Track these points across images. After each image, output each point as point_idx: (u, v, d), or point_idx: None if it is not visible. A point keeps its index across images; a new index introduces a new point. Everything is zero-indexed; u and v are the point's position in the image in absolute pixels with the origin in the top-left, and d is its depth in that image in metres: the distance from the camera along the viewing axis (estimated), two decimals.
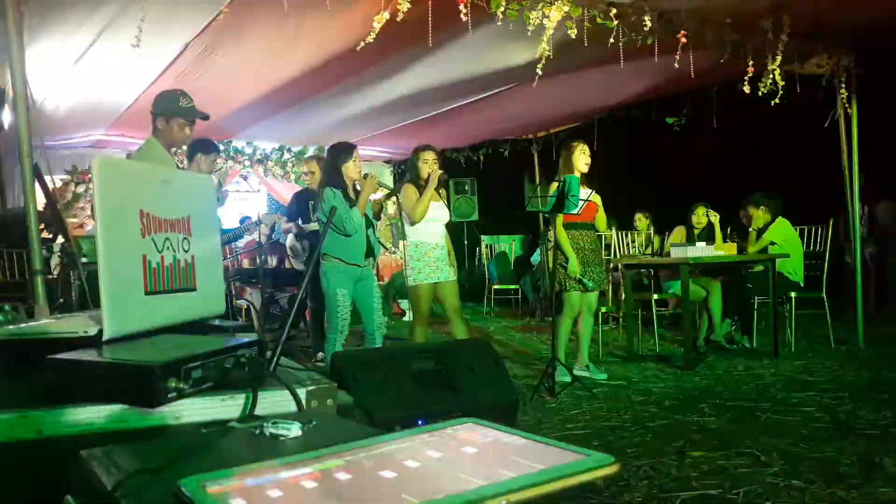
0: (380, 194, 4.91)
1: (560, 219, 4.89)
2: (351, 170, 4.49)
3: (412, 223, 4.74)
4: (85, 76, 5.73)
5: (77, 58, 5.30)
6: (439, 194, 4.85)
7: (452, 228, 5.17)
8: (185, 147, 4.57)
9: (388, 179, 10.71)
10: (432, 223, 4.76)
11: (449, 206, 4.91)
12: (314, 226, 5.75)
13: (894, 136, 7.50)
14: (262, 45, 5.26)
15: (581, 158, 4.98)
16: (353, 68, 5.76)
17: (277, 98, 6.78)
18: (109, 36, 4.81)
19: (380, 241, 5.42)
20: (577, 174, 4.88)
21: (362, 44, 4.33)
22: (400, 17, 4.07)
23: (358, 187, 4.56)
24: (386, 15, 4.13)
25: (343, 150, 4.54)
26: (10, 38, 3.10)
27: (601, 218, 5.14)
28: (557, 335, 4.75)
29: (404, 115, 7.83)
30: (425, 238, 4.76)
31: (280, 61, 5.66)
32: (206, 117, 3.88)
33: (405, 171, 5.06)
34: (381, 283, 9.05)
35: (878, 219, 8.10)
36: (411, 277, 4.75)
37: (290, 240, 6.08)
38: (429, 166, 4.75)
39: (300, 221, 6.06)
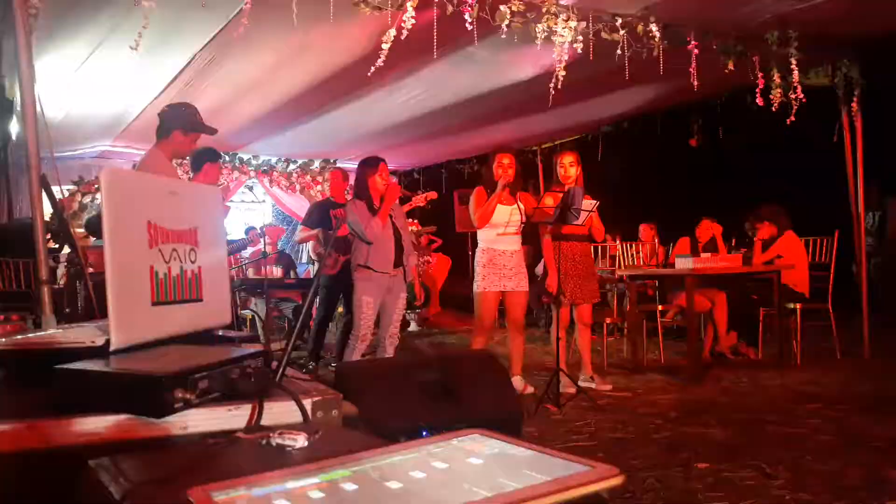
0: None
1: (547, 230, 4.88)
2: (377, 182, 4.59)
3: (476, 227, 4.73)
4: (92, 88, 5.77)
5: (85, 71, 5.34)
6: (516, 198, 4.79)
7: (456, 239, 5.19)
8: (187, 158, 4.68)
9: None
10: (502, 228, 4.72)
11: (521, 212, 4.82)
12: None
13: None
14: (268, 58, 5.29)
15: (559, 171, 4.97)
16: (359, 83, 5.78)
17: (283, 111, 6.81)
18: (117, 48, 4.85)
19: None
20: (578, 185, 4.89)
21: (373, 69, 4.36)
22: (405, 34, 4.09)
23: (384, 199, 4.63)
24: (393, 32, 4.15)
25: (369, 164, 4.67)
26: (19, 50, 3.13)
27: (598, 228, 5.08)
28: (557, 346, 4.74)
29: (410, 129, 7.85)
30: (493, 244, 4.72)
31: (285, 75, 5.69)
32: (215, 131, 4.14)
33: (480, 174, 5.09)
34: None
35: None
36: (476, 283, 4.74)
37: (311, 246, 6.20)
38: (503, 170, 4.70)
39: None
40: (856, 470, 3.06)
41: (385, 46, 4.21)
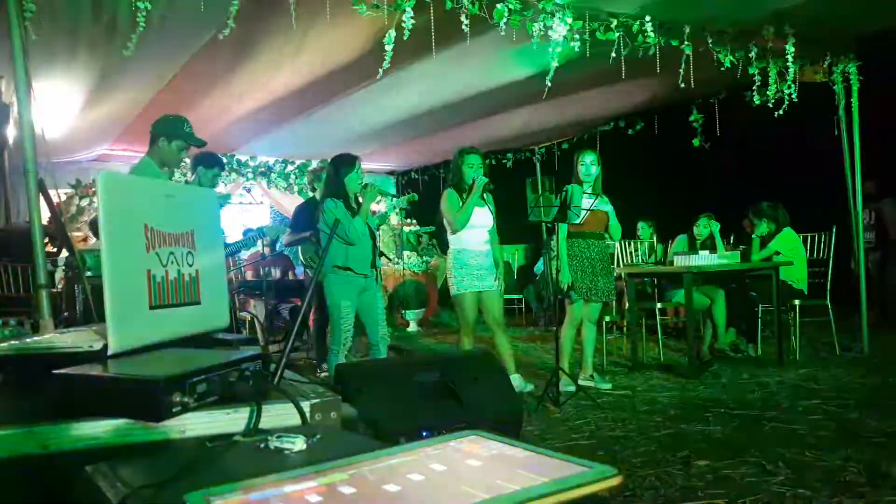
0: (383, 206, 4.93)
1: (564, 228, 4.87)
2: (353, 181, 4.50)
3: (453, 231, 4.68)
4: (91, 93, 5.76)
5: (83, 76, 5.34)
6: (483, 199, 4.77)
7: None
8: (186, 161, 4.73)
9: (392, 189, 10.73)
10: (475, 230, 4.70)
11: (493, 212, 4.83)
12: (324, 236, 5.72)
13: None
14: (265, 59, 5.29)
15: (580, 168, 4.97)
16: (356, 82, 5.78)
17: (280, 112, 6.81)
18: (114, 52, 4.85)
19: (382, 252, 5.48)
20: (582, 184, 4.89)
21: (380, 73, 4.35)
22: (406, 35, 4.09)
23: (360, 199, 4.57)
24: (393, 33, 4.14)
25: (345, 162, 4.55)
26: (14, 53, 3.12)
27: (615, 227, 5.07)
28: (561, 345, 4.73)
29: (408, 128, 7.85)
30: (468, 245, 4.70)
31: (283, 76, 5.69)
32: (203, 144, 4.19)
33: (448, 175, 5.00)
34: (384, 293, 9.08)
35: (885, 220, 7.98)
36: (454, 286, 4.72)
37: (302, 250, 6.10)
38: (474, 171, 4.67)
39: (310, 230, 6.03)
40: (855, 465, 3.06)
41: (388, 48, 4.20)
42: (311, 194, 6.40)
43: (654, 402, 4.54)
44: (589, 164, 4.95)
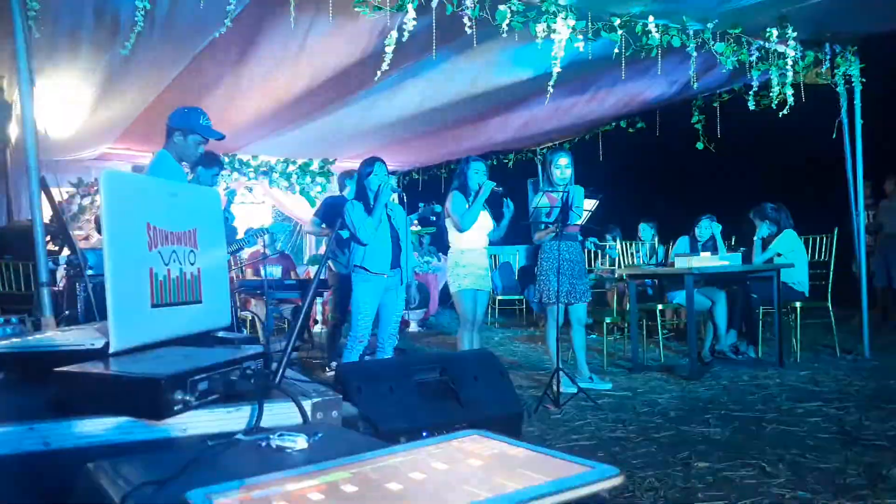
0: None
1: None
2: (372, 183, 4.64)
3: (460, 231, 4.83)
4: (94, 92, 5.76)
5: (85, 76, 5.34)
6: (484, 204, 4.93)
7: None
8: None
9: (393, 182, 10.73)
10: (478, 231, 4.87)
11: (492, 216, 5.00)
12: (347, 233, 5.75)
13: None
14: (268, 60, 5.29)
15: (555, 171, 4.96)
16: (358, 83, 5.78)
17: (282, 113, 6.81)
18: (117, 51, 4.85)
19: None
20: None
21: (379, 74, 4.38)
22: (406, 36, 4.10)
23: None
24: (395, 34, 4.16)
25: (365, 164, 4.73)
26: (17, 52, 3.13)
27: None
28: (548, 347, 4.78)
29: (409, 130, 7.84)
30: (472, 245, 4.87)
31: (285, 77, 5.68)
32: (221, 137, 4.00)
33: (453, 179, 5.15)
34: None
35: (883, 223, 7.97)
36: (456, 283, 4.85)
37: (328, 243, 6.14)
38: (479, 177, 4.86)
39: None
40: (855, 468, 3.06)
41: (389, 49, 4.21)
42: (341, 193, 6.31)
43: (654, 403, 4.54)
44: (564, 167, 4.94)
